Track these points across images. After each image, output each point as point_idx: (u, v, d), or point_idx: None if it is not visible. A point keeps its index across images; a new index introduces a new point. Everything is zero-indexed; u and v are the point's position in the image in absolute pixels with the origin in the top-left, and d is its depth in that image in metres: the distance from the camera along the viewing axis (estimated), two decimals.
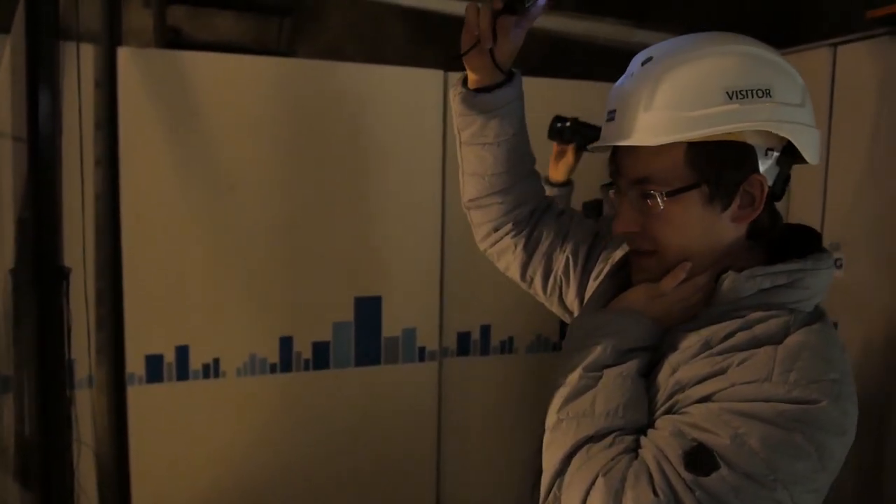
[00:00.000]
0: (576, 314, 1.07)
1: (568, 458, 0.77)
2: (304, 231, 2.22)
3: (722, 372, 0.76)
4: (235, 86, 2.12)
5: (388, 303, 2.33)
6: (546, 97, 2.48)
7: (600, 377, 0.80)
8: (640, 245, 0.86)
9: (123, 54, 2.00)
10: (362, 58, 2.63)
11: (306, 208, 2.22)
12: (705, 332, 0.80)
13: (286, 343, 2.23)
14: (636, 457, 0.74)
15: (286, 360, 2.23)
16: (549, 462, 0.80)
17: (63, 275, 1.29)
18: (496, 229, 1.09)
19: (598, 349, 0.82)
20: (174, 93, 2.07)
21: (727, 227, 0.84)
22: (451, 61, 0.99)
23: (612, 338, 0.82)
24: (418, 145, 2.31)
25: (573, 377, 0.81)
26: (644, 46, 0.89)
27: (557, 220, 1.10)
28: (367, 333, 2.31)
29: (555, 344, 2.55)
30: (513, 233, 1.09)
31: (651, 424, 0.79)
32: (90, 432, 1.84)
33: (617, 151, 0.87)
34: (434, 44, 2.61)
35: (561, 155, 1.91)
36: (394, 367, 2.36)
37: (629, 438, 0.77)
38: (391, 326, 2.34)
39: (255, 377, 2.20)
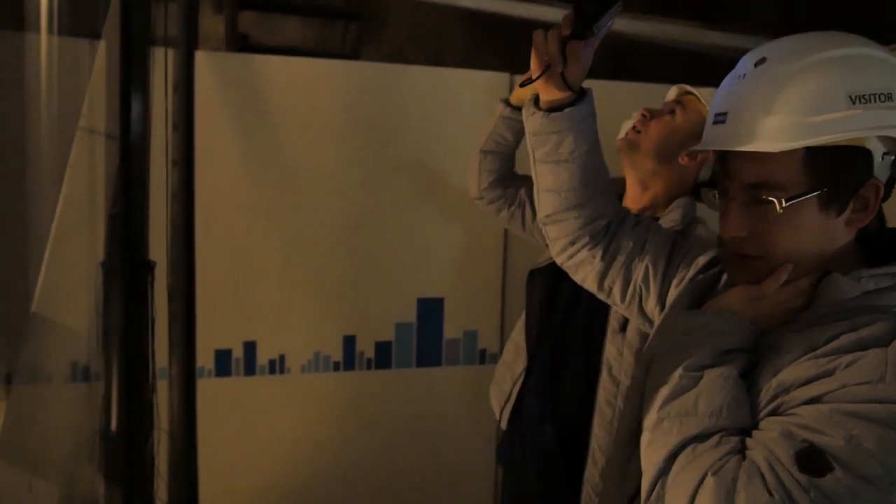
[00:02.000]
0: (657, 321, 1.06)
1: (672, 457, 0.76)
2: (368, 232, 2.25)
3: (829, 374, 0.74)
4: (305, 88, 2.17)
5: (451, 304, 2.34)
6: (612, 100, 2.45)
7: (701, 377, 0.79)
8: (748, 250, 0.85)
9: (200, 58, 2.08)
10: (425, 61, 2.66)
11: (371, 209, 2.25)
12: (808, 335, 0.79)
13: (349, 342, 2.27)
14: (744, 457, 0.73)
15: (349, 358, 2.27)
16: (651, 461, 0.79)
17: (149, 268, 1.35)
18: (573, 243, 1.10)
19: (698, 350, 0.80)
20: (247, 95, 2.13)
21: (840, 231, 0.82)
22: (521, 85, 1.02)
23: (711, 338, 0.81)
24: None
25: (673, 377, 0.80)
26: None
27: (634, 230, 1.10)
28: (428, 334, 2.33)
29: None
30: (589, 245, 1.09)
31: (755, 426, 0.77)
32: (166, 420, 1.91)
33: (726, 155, 0.85)
34: (496, 46, 2.61)
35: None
36: (454, 368, 2.36)
37: (735, 439, 0.75)
38: (453, 328, 2.35)
39: (319, 374, 2.24)
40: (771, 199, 0.79)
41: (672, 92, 1.64)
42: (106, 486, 1.38)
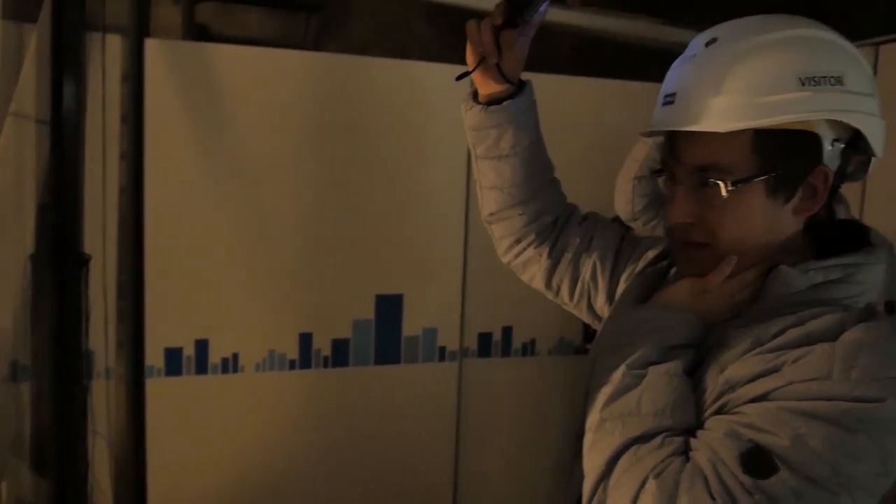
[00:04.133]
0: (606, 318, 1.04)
1: (614, 459, 0.73)
2: (326, 227, 2.20)
3: (776, 370, 0.72)
4: (263, 79, 2.11)
5: (410, 301, 2.30)
6: (577, 96, 2.44)
7: (645, 375, 0.76)
8: (694, 237, 0.81)
9: (151, 46, 2.00)
10: (390, 55, 2.61)
11: (329, 204, 2.20)
12: (755, 329, 0.76)
13: (306, 339, 2.21)
14: (687, 459, 0.70)
15: (305, 356, 2.21)
16: (593, 464, 0.76)
17: (83, 261, 1.28)
18: (519, 241, 1.07)
19: (642, 346, 0.78)
20: (200, 86, 2.06)
21: (787, 219, 0.80)
22: (458, 78, 0.97)
23: (655, 334, 0.78)
24: (444, 142, 2.28)
25: (616, 375, 0.77)
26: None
27: (581, 226, 1.07)
28: (387, 332, 2.28)
29: (577, 347, 2.50)
30: (536, 243, 1.06)
31: (700, 425, 0.74)
32: (105, 424, 1.83)
33: (674, 137, 0.81)
34: (462, 41, 2.57)
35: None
36: (413, 366, 2.32)
37: (678, 440, 0.72)
38: (412, 325, 2.31)
39: (274, 373, 2.18)
40: (717, 181, 0.77)
41: None
42: (37, 492, 1.31)
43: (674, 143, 0.82)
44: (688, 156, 0.80)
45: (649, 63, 2.81)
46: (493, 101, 0.97)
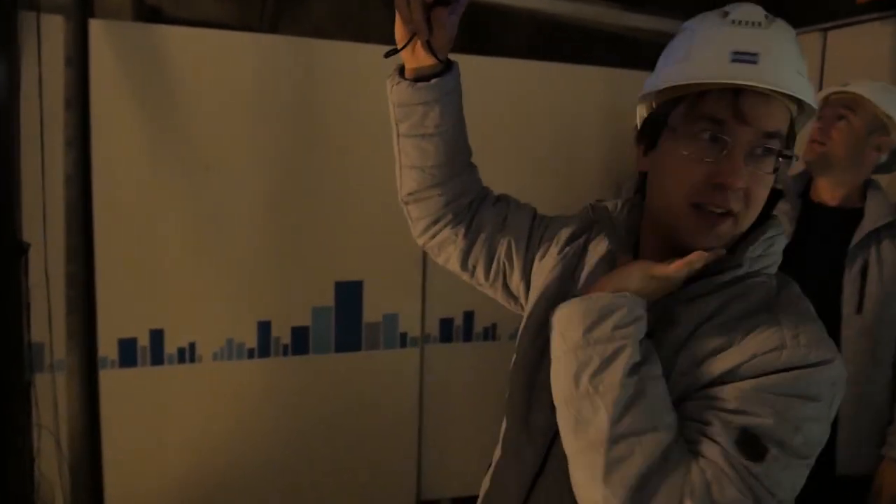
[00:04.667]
0: (522, 298, 1.05)
1: (642, 483, 0.70)
2: (284, 213, 2.16)
3: (729, 344, 0.75)
4: (215, 62, 2.06)
5: (370, 288, 2.28)
6: (534, 80, 2.44)
7: (640, 380, 0.73)
8: (733, 205, 0.78)
9: (96, 27, 1.94)
10: (347, 38, 2.57)
11: (287, 190, 2.16)
12: (698, 304, 0.79)
13: (264, 328, 2.18)
14: (696, 457, 0.70)
15: (264, 345, 2.18)
16: (614, 489, 0.70)
17: (21, 250, 1.23)
18: (436, 222, 1.07)
19: (627, 346, 0.74)
20: (150, 70, 2.00)
21: None
22: (387, 55, 0.95)
23: (633, 327, 0.75)
24: None
25: (612, 382, 0.72)
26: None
27: (495, 207, 1.08)
28: (347, 319, 2.26)
29: None
30: (452, 224, 1.06)
31: (679, 411, 0.74)
32: (52, 417, 1.78)
33: (742, 98, 0.77)
34: None
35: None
36: (375, 353, 2.31)
37: (682, 441, 0.72)
38: (372, 312, 2.29)
39: (232, 362, 2.15)
40: (787, 153, 0.79)
41: (821, 96, 1.71)
42: None
43: (742, 104, 0.77)
44: (763, 120, 0.77)
45: (606, 47, 2.83)
46: (420, 79, 0.97)
